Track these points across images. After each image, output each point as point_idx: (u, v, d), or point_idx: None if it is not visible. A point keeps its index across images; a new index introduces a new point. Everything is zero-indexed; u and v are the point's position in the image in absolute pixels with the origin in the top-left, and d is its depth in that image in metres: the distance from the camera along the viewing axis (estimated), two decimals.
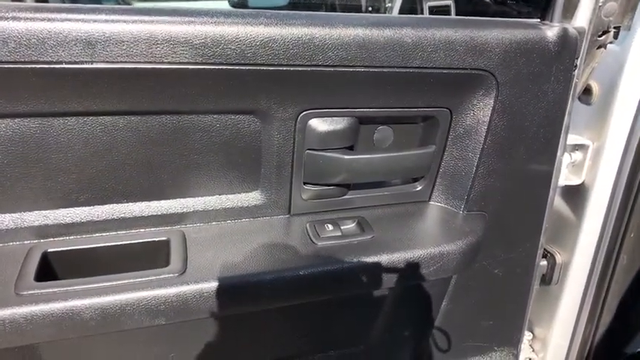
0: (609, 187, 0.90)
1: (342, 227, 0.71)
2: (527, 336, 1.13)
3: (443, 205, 0.78)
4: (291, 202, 0.71)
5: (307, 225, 0.71)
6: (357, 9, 1.60)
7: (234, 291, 0.62)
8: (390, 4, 1.60)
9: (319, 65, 0.61)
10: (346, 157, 0.69)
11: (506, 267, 0.86)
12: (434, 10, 1.50)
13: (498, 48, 0.67)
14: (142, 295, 0.59)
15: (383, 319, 0.84)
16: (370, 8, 1.63)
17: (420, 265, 0.69)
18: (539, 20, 0.73)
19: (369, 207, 0.77)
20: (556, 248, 1.01)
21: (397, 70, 0.64)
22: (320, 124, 0.68)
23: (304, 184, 0.71)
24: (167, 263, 0.63)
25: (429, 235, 0.73)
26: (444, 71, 0.66)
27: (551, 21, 0.71)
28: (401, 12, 1.49)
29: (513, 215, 0.82)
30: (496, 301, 0.91)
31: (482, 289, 0.87)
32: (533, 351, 1.14)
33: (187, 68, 0.56)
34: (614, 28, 0.77)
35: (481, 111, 0.71)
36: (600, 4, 0.72)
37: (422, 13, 1.43)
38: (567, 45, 0.70)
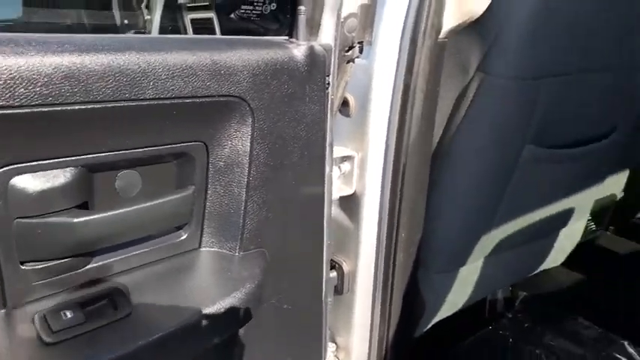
0: (377, 193, 0.94)
1: (86, 309, 0.55)
2: (331, 348, 1.13)
3: (217, 249, 0.69)
4: (5, 292, 0.53)
5: (36, 317, 0.53)
6: (111, 27, 1.38)
7: None
8: (149, 17, 1.44)
9: (10, 107, 0.45)
10: (77, 219, 0.54)
11: (297, 295, 0.82)
12: (196, 24, 1.40)
13: (246, 71, 0.60)
14: None
15: None
16: (126, 22, 1.43)
17: (195, 332, 0.58)
18: (286, 38, 0.69)
19: (128, 271, 0.62)
20: (342, 258, 1.02)
21: (127, 104, 0.52)
22: (31, 182, 0.51)
23: (22, 263, 0.53)
24: None
25: (203, 292, 0.62)
26: (187, 101, 0.56)
27: (297, 39, 0.67)
28: (162, 26, 1.35)
29: (294, 242, 0.77)
30: (293, 331, 0.86)
31: (276, 327, 0.80)
32: None
33: None
34: (359, 43, 0.78)
35: (239, 141, 0.64)
36: (342, 20, 0.72)
37: (184, 26, 1.31)
38: (316, 63, 0.67)
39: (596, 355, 1.41)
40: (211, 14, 1.44)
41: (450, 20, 0.77)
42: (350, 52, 0.78)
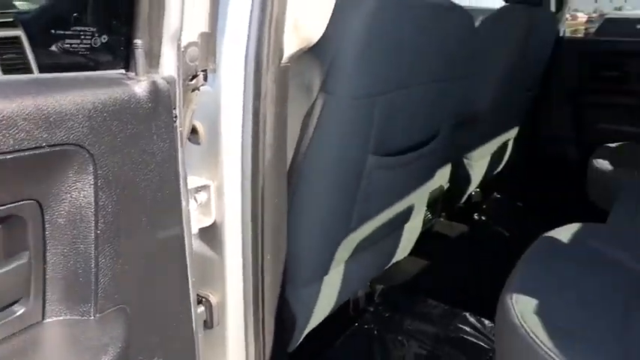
0: (238, 220, 0.92)
1: None
2: None
3: (67, 317, 0.60)
4: None
5: None
6: None
7: None
8: None
9: None
10: None
11: (168, 344, 0.76)
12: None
13: (81, 114, 0.54)
14: None
15: None
16: None
17: None
18: (124, 72, 0.63)
19: None
20: (209, 291, 0.98)
21: None
22: None
23: None
24: None
25: None
26: (9, 157, 0.48)
27: (137, 73, 0.62)
28: None
29: (157, 290, 0.71)
30: None
31: None
32: None
33: None
34: (202, 71, 0.75)
35: (80, 193, 0.56)
36: (183, 50, 0.68)
37: None
38: (161, 98, 0.63)
39: (445, 330, 1.58)
40: (19, 32, 1.25)
41: (290, 46, 0.79)
42: (194, 80, 0.75)
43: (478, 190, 2.64)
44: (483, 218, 2.51)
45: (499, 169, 2.49)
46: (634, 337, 0.90)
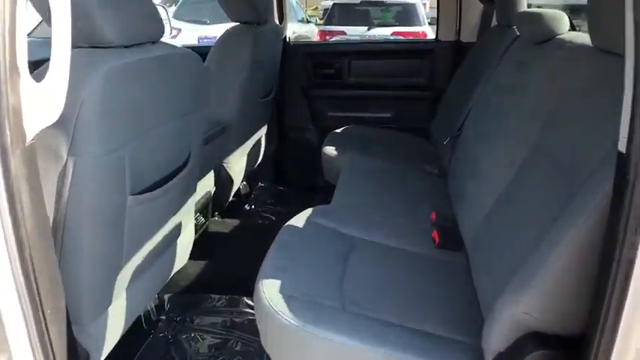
0: (12, 288, 0.98)
1: None
2: None
3: None
4: None
5: None
6: None
7: None
8: None
9: None
10: None
11: None
12: None
13: None
14: None
15: None
16: None
17: None
18: None
19: None
20: None
21: None
22: None
23: None
24: None
25: None
26: None
27: None
28: None
29: None
30: None
31: None
32: None
33: None
34: None
35: None
36: None
37: None
38: None
39: (230, 317, 1.86)
40: None
41: (32, 130, 0.89)
42: None
43: (245, 183, 2.99)
44: (253, 207, 2.86)
45: (259, 161, 2.87)
46: (349, 284, 1.29)
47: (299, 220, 1.60)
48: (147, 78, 1.22)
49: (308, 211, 1.66)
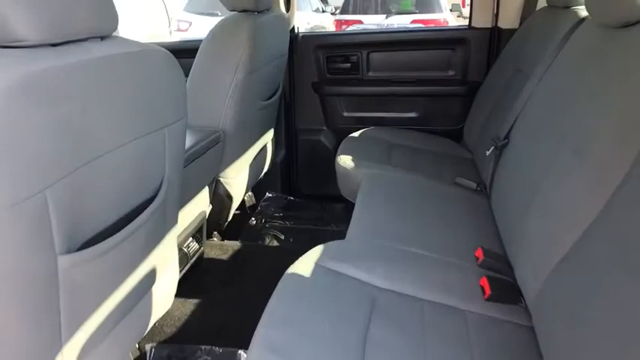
0: None
1: None
2: None
3: None
4: None
5: None
6: None
7: None
8: None
9: None
10: None
11: None
12: None
13: None
14: None
15: None
16: None
17: None
18: None
19: None
20: None
21: None
22: None
23: None
24: None
25: None
26: None
27: None
28: None
29: None
30: None
31: None
32: None
33: None
34: None
35: None
36: None
37: None
38: None
39: None
40: None
41: None
42: None
43: (250, 193, 2.63)
44: (259, 222, 2.51)
45: (265, 170, 2.51)
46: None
47: (306, 264, 1.24)
48: (87, 88, 0.86)
49: (318, 250, 1.30)
